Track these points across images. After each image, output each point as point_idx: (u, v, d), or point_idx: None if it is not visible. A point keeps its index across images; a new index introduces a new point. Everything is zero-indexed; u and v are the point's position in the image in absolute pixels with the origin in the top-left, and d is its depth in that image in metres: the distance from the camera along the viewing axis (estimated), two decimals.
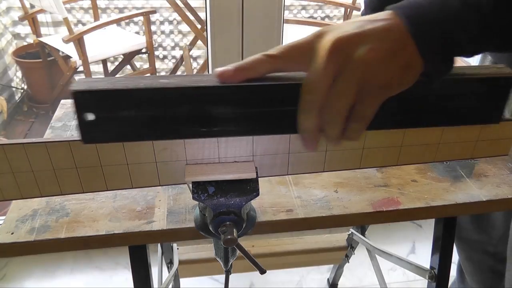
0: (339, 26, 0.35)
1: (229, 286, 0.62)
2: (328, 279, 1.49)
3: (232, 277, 0.62)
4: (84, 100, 0.36)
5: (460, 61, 2.02)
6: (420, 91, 0.40)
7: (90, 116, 0.37)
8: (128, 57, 2.36)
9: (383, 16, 0.35)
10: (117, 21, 2.31)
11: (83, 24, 2.55)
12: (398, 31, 0.34)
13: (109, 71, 2.43)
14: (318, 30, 0.36)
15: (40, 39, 2.23)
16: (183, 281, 1.17)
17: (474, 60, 0.98)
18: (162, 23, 2.64)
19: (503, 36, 0.35)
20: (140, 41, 2.27)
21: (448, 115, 0.42)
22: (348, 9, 2.45)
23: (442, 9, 0.34)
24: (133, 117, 0.38)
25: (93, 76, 2.23)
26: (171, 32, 2.67)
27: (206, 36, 1.15)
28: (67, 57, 2.17)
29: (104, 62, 2.41)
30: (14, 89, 2.50)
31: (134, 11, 2.37)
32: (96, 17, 2.38)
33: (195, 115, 0.38)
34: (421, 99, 0.41)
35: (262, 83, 0.37)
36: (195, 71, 2.39)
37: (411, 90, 0.36)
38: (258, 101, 0.38)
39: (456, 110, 0.42)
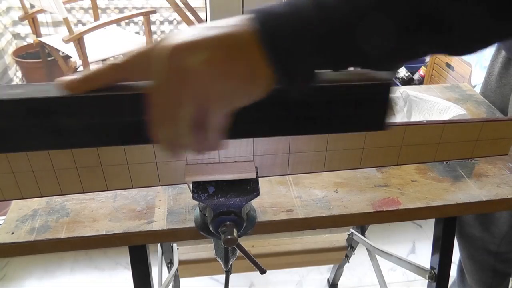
0: (180, 32, 0.33)
1: (229, 286, 0.62)
2: (328, 279, 1.49)
3: (232, 277, 0.62)
4: None
5: (459, 61, 2.00)
6: (284, 99, 0.38)
7: None
8: None
9: (235, 21, 0.33)
10: (117, 21, 2.31)
11: (83, 24, 2.55)
12: (244, 38, 0.32)
13: None
14: (161, 37, 0.34)
15: (40, 39, 2.23)
16: (183, 281, 1.17)
17: (487, 56, 0.98)
18: (162, 23, 2.64)
19: (364, 54, 0.33)
20: (140, 41, 2.27)
21: (327, 122, 0.41)
22: None
23: (299, 19, 0.31)
24: None
25: None
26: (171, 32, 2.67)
27: None
28: (67, 57, 2.17)
29: (104, 62, 2.41)
30: None
31: (134, 11, 2.36)
32: (96, 17, 2.38)
33: (45, 127, 0.37)
34: (293, 106, 0.39)
35: (104, 93, 0.36)
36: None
37: (273, 97, 0.34)
38: (105, 111, 0.37)
39: (334, 117, 0.41)
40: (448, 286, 0.89)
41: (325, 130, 0.43)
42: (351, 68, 0.37)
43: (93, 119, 0.37)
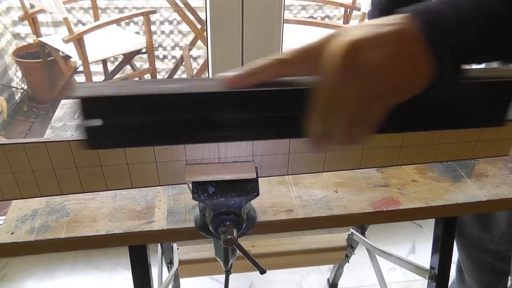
0: (350, 29, 0.35)
1: (229, 286, 0.62)
2: (328, 279, 1.49)
3: (232, 277, 0.62)
4: (91, 106, 0.36)
5: None
6: (428, 96, 0.39)
7: (96, 122, 0.37)
8: (128, 57, 2.36)
9: (397, 19, 0.34)
10: (117, 21, 2.31)
11: (83, 24, 2.55)
12: (413, 35, 0.33)
13: (109, 71, 2.43)
14: (329, 33, 0.35)
15: (40, 39, 2.23)
16: (183, 281, 1.17)
17: None
18: (162, 23, 2.64)
19: None
20: (140, 41, 2.27)
21: (453, 118, 0.42)
22: (348, 9, 2.45)
23: (459, 16, 0.33)
24: (139, 123, 0.38)
25: (93, 76, 2.23)
26: (171, 32, 2.67)
27: (206, 36, 1.15)
28: (67, 57, 2.17)
29: (104, 62, 2.41)
30: (14, 89, 2.50)
31: (134, 11, 2.36)
32: (96, 17, 2.38)
33: (203, 121, 0.38)
34: (428, 103, 0.40)
35: (271, 88, 0.37)
36: (195, 71, 2.39)
37: (421, 94, 0.36)
38: (268, 106, 0.38)
39: (461, 113, 0.42)
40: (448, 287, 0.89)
41: (449, 126, 0.44)
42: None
43: (254, 113, 0.38)
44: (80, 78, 2.47)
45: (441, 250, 0.75)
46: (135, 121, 0.38)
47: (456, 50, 0.33)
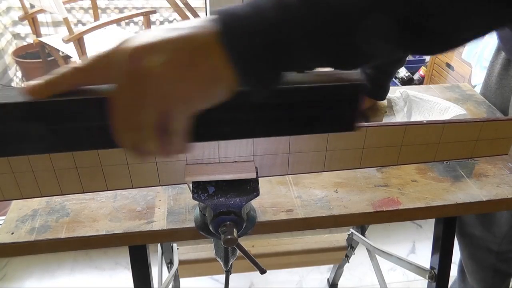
0: (140, 34, 0.33)
1: (229, 286, 0.62)
2: (328, 279, 1.49)
3: (232, 277, 0.62)
4: None
5: (459, 61, 2.00)
6: (250, 101, 0.37)
7: None
8: None
9: (198, 22, 0.32)
10: (117, 21, 2.31)
11: (83, 24, 2.55)
12: (206, 40, 0.31)
13: None
14: (122, 38, 0.33)
15: (40, 39, 2.23)
16: (183, 281, 1.17)
17: (487, 56, 0.98)
18: (162, 23, 2.64)
19: (334, 54, 0.33)
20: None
21: (296, 123, 0.40)
22: None
23: (263, 21, 0.31)
24: None
25: None
26: None
27: None
28: (67, 57, 2.17)
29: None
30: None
31: (134, 11, 2.36)
32: (96, 17, 2.38)
33: (7, 132, 0.37)
34: (256, 108, 0.38)
35: (64, 98, 0.35)
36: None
37: (239, 99, 0.34)
38: (67, 116, 0.36)
39: (304, 118, 0.40)
40: (449, 286, 0.89)
41: (293, 131, 0.42)
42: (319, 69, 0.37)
43: (57, 124, 0.37)
44: None
45: (441, 250, 0.75)
46: None
47: (255, 57, 0.31)
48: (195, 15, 2.21)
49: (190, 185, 0.47)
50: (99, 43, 2.19)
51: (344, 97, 0.39)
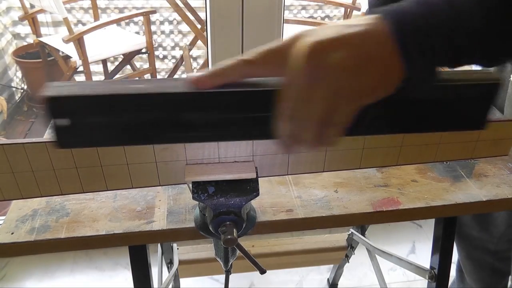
0: (317, 30, 0.34)
1: (229, 286, 0.62)
2: (328, 279, 1.49)
3: (232, 277, 0.62)
4: (58, 106, 0.36)
5: None
6: (402, 97, 0.38)
7: (64, 122, 0.37)
8: (128, 57, 2.36)
9: (368, 20, 0.33)
10: (117, 21, 2.31)
11: (83, 24, 2.55)
12: (380, 36, 0.33)
13: (109, 71, 2.43)
14: (295, 33, 0.35)
15: (40, 39, 2.23)
16: (183, 281, 1.17)
17: None
18: (162, 23, 2.64)
19: (495, 50, 0.34)
20: (140, 41, 2.27)
21: (432, 121, 0.42)
22: (348, 9, 2.45)
23: (432, 18, 0.32)
24: (107, 123, 0.37)
25: (93, 76, 2.23)
26: (171, 32, 2.67)
27: (206, 36, 1.15)
28: (67, 57, 2.17)
29: (104, 62, 2.41)
30: (14, 89, 2.50)
31: (134, 11, 2.36)
32: (96, 17, 2.38)
33: (170, 121, 0.38)
34: (404, 105, 0.40)
35: (235, 89, 0.37)
36: (195, 71, 2.39)
37: (393, 95, 0.35)
38: (234, 107, 0.38)
39: (440, 116, 0.41)
40: (448, 286, 0.89)
41: (427, 129, 0.43)
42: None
43: (220, 114, 0.38)
44: (80, 78, 2.46)
45: (441, 250, 0.75)
46: (103, 121, 0.37)
47: (426, 51, 0.33)
48: (195, 15, 2.21)
49: (190, 185, 0.47)
50: (99, 43, 2.19)
51: (482, 95, 0.40)
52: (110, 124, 0.37)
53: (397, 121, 0.41)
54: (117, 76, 2.40)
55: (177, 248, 1.14)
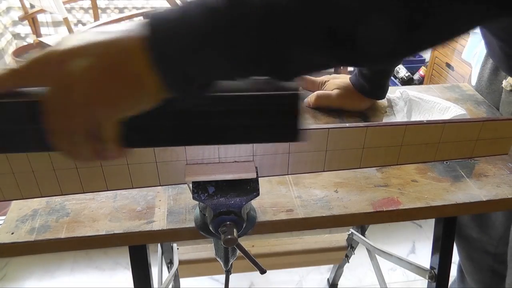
0: (72, 37, 0.32)
1: (229, 286, 0.62)
2: (328, 279, 1.49)
3: (232, 277, 0.62)
4: None
5: (459, 61, 2.00)
6: (182, 108, 0.36)
7: None
8: None
9: (130, 26, 0.32)
10: (117, 21, 2.30)
11: (83, 24, 2.55)
12: (129, 45, 0.30)
13: None
14: (59, 40, 0.33)
15: (40, 39, 2.23)
16: (183, 281, 1.17)
17: (476, 60, 0.98)
18: None
19: (260, 62, 0.32)
20: None
21: (229, 132, 0.39)
22: None
23: (188, 27, 0.30)
24: None
25: None
26: None
27: None
28: None
29: None
30: None
31: (134, 11, 2.36)
32: (96, 17, 2.38)
33: None
34: (189, 116, 0.37)
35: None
36: None
37: (171, 106, 0.33)
38: (2, 118, 0.36)
39: (236, 127, 0.39)
40: (448, 286, 0.89)
41: (233, 140, 0.41)
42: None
43: None
44: None
45: (441, 250, 0.75)
46: None
47: (180, 63, 0.30)
48: None
49: (190, 185, 0.47)
50: None
51: (282, 106, 0.37)
52: None
53: (183, 132, 0.38)
54: None
55: (177, 248, 1.14)
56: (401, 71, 2.33)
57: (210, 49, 0.30)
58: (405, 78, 2.32)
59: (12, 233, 0.53)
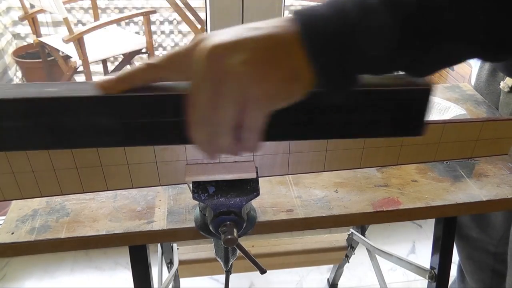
0: (220, 32, 0.33)
1: (229, 286, 0.62)
2: (328, 279, 1.49)
3: (232, 277, 0.62)
4: None
5: None
6: (324, 102, 0.37)
7: None
8: (128, 57, 2.36)
9: (277, 21, 0.32)
10: (117, 21, 2.31)
11: (83, 24, 2.55)
12: (286, 40, 0.31)
13: (109, 71, 2.43)
14: (200, 35, 0.34)
15: (40, 39, 2.23)
16: (183, 281, 1.17)
17: (476, 61, 0.98)
18: (162, 23, 2.64)
19: (409, 59, 0.32)
20: (140, 41, 2.27)
21: (361, 126, 0.40)
22: None
23: (344, 23, 0.31)
24: (13, 126, 0.37)
25: (93, 76, 2.23)
26: (171, 32, 2.67)
27: None
28: (67, 57, 2.17)
29: (104, 62, 2.41)
30: None
31: (134, 11, 2.36)
32: (96, 17, 2.38)
33: (79, 125, 0.37)
34: (329, 110, 0.38)
35: (140, 93, 0.36)
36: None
37: (313, 100, 0.34)
38: (140, 111, 0.37)
39: (366, 122, 0.40)
40: (448, 286, 0.89)
41: (363, 134, 0.42)
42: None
43: (128, 119, 0.37)
44: (80, 78, 2.46)
45: (441, 250, 0.75)
46: (9, 125, 0.36)
47: (336, 58, 0.31)
48: (195, 15, 2.21)
49: (190, 185, 0.47)
50: (99, 43, 2.19)
51: (414, 101, 0.39)
52: (19, 127, 0.37)
53: (319, 126, 0.39)
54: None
55: (177, 248, 1.14)
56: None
57: (362, 45, 0.31)
58: None
59: (12, 233, 0.53)
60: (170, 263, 1.09)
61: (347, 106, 0.38)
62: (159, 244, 1.07)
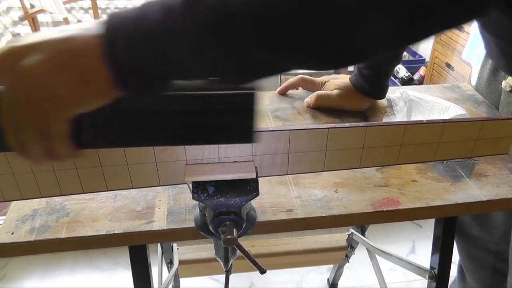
0: (30, 36, 0.33)
1: (229, 286, 0.62)
2: (328, 279, 1.49)
3: (232, 277, 0.62)
4: None
5: (459, 61, 2.00)
6: (135, 107, 0.35)
7: None
8: None
9: (91, 24, 0.32)
10: None
11: None
12: (86, 42, 0.31)
13: None
14: (15, 40, 0.33)
15: None
16: (183, 281, 1.17)
17: (476, 61, 0.98)
18: None
19: (212, 64, 0.32)
20: None
21: (187, 132, 0.38)
22: None
23: (144, 25, 0.30)
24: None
25: None
26: None
27: None
28: None
29: None
30: None
31: None
32: (96, 17, 2.38)
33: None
34: (149, 115, 0.36)
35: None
36: None
37: (124, 105, 0.33)
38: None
39: (194, 127, 0.38)
40: (448, 286, 0.89)
41: (184, 141, 0.40)
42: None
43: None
44: None
45: (441, 250, 0.75)
46: None
47: (134, 60, 0.30)
48: None
49: (190, 185, 0.47)
50: None
51: (237, 106, 0.36)
52: None
53: (141, 132, 0.38)
54: None
55: (177, 248, 1.14)
56: (401, 71, 2.33)
57: (163, 48, 0.30)
58: (405, 78, 2.32)
59: (12, 233, 0.53)
60: (170, 263, 1.09)
61: (159, 111, 0.36)
62: (159, 244, 1.07)
